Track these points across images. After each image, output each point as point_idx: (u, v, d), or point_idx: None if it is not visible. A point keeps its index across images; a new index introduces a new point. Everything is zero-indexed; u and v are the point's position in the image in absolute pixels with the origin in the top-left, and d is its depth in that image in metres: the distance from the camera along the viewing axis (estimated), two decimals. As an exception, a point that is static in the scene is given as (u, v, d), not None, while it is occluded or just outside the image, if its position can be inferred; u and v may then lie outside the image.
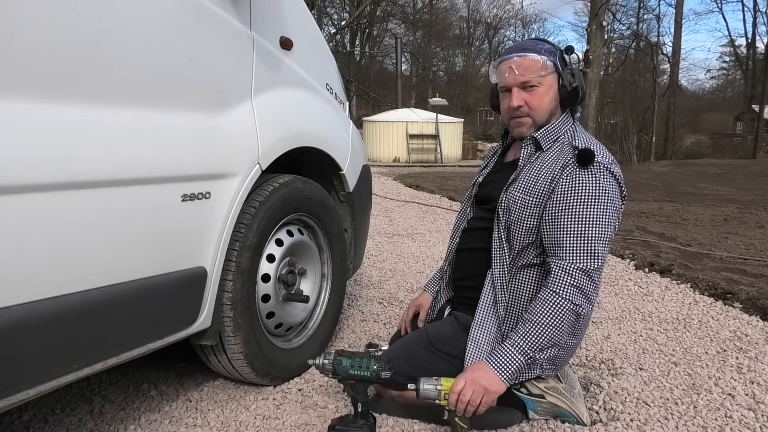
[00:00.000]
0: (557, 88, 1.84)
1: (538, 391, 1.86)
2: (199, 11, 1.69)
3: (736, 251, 4.57)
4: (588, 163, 1.72)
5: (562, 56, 1.84)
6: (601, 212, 1.69)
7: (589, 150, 1.73)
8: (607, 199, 1.70)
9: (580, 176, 1.72)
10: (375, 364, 1.72)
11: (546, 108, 1.84)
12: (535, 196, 1.77)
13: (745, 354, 2.47)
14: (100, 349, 1.43)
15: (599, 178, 1.71)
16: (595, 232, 1.68)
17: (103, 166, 1.38)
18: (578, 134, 1.84)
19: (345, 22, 29.03)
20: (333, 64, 2.66)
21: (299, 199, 2.14)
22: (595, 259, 1.67)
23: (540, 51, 1.82)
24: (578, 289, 1.67)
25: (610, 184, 1.72)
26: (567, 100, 1.84)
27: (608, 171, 1.72)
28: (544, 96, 1.83)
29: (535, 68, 1.80)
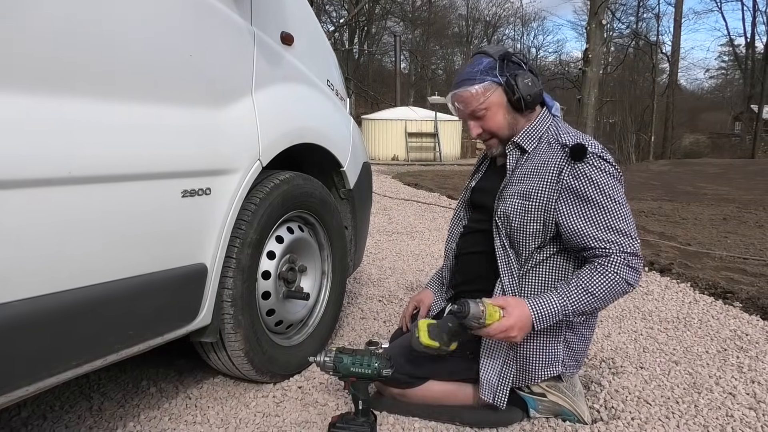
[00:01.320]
0: (506, 102, 1.81)
1: (540, 390, 1.85)
2: (200, 6, 1.68)
3: (736, 250, 4.57)
4: (583, 157, 1.72)
5: (503, 63, 1.80)
6: (617, 196, 1.71)
7: (580, 144, 1.73)
8: (615, 183, 1.72)
9: (583, 170, 1.71)
10: (376, 361, 1.71)
11: (502, 125, 1.83)
12: (534, 200, 1.76)
13: (745, 353, 2.46)
14: (99, 346, 1.42)
15: (599, 167, 1.72)
16: (621, 217, 1.70)
17: (102, 162, 1.36)
18: (562, 130, 1.82)
19: (344, 19, 28.97)
20: (334, 60, 2.64)
21: (300, 196, 2.13)
22: (633, 240, 1.70)
23: (474, 78, 1.79)
24: (632, 268, 1.69)
25: (608, 170, 1.73)
26: (519, 107, 1.81)
27: (603, 159, 1.73)
28: (496, 116, 1.82)
29: (474, 98, 1.80)
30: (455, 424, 1.85)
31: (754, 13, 32.99)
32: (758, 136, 28.23)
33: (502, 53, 1.81)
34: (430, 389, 1.88)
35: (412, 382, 1.87)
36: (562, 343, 1.80)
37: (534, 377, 1.80)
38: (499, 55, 1.80)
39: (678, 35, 30.68)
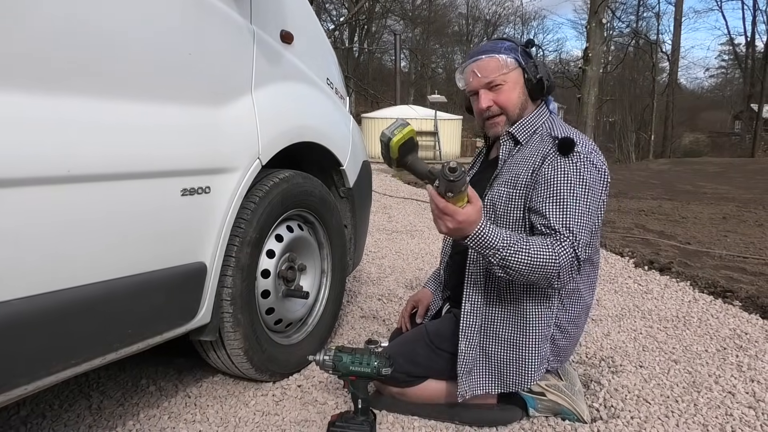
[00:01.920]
0: (523, 83, 1.85)
1: (539, 389, 1.85)
2: (200, 4, 1.68)
3: (736, 249, 4.57)
4: (568, 152, 1.72)
5: (524, 51, 1.86)
6: (582, 202, 1.67)
7: (569, 139, 1.73)
8: (587, 189, 1.68)
9: (561, 165, 1.71)
10: (375, 360, 1.71)
11: (516, 103, 1.85)
12: (519, 187, 1.76)
13: (745, 352, 2.46)
14: (98, 345, 1.42)
15: (579, 167, 1.70)
16: (578, 222, 1.65)
17: (101, 160, 1.36)
18: (557, 125, 1.83)
19: (344, 18, 28.96)
20: (333, 58, 2.64)
21: (299, 195, 2.13)
22: (579, 241, 1.64)
23: (499, 50, 1.84)
24: (569, 262, 1.62)
25: (590, 173, 1.70)
26: (535, 92, 1.86)
27: (588, 161, 1.71)
28: (512, 92, 1.84)
29: (497, 68, 1.82)
30: (454, 422, 1.85)
31: (754, 12, 32.97)
32: (758, 135, 28.24)
33: (525, 41, 1.88)
34: (429, 388, 1.88)
35: (411, 381, 1.87)
36: (548, 342, 1.80)
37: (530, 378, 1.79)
38: (522, 42, 1.88)
39: (678, 34, 30.68)
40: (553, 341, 1.81)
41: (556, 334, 1.81)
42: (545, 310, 1.77)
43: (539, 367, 1.78)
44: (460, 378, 1.80)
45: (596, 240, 1.81)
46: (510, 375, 1.78)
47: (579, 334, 1.93)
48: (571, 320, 1.83)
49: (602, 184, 1.73)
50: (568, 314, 1.82)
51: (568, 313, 1.82)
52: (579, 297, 1.83)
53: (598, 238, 1.83)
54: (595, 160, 1.73)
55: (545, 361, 1.80)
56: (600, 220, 1.74)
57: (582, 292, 1.84)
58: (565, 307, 1.81)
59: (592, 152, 1.74)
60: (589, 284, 1.88)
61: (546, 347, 1.79)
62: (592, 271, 1.87)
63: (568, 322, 1.83)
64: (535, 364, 1.77)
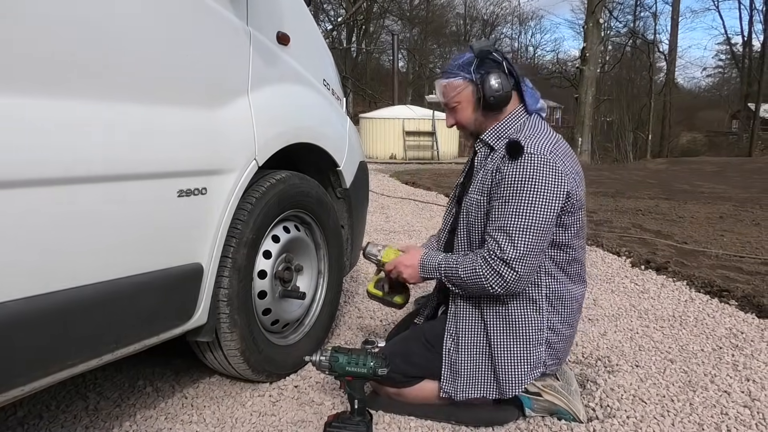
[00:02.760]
0: (474, 101, 1.85)
1: (535, 389, 1.86)
2: (196, 6, 1.68)
3: (732, 249, 4.58)
4: (517, 155, 1.73)
5: (483, 61, 1.82)
6: (524, 203, 1.69)
7: (515, 142, 1.75)
8: (531, 189, 1.69)
9: (508, 169, 1.73)
10: (372, 360, 1.71)
11: (470, 120, 1.89)
12: (485, 193, 1.81)
13: (740, 351, 2.47)
14: (95, 346, 1.42)
15: (526, 168, 1.70)
16: (516, 223, 1.69)
17: (98, 161, 1.37)
18: (526, 128, 1.83)
19: (341, 18, 28.95)
20: (330, 59, 2.64)
21: (296, 196, 2.13)
22: (513, 248, 1.68)
23: (453, 70, 1.86)
24: (496, 273, 1.70)
25: (539, 174, 1.70)
26: (488, 107, 1.84)
27: (540, 161, 1.70)
28: (464, 111, 1.88)
29: (449, 90, 1.88)
30: (451, 422, 1.85)
31: (751, 12, 32.98)
32: (755, 134, 28.26)
33: (482, 50, 1.82)
34: (426, 388, 1.89)
35: (407, 381, 1.88)
36: (545, 344, 1.81)
37: (519, 382, 1.80)
38: (478, 52, 1.82)
39: (675, 34, 30.75)
40: (548, 345, 1.81)
41: (551, 338, 1.81)
42: (534, 315, 1.79)
43: (530, 373, 1.79)
44: (443, 376, 1.83)
45: (576, 236, 1.82)
46: (498, 381, 1.80)
47: (573, 334, 1.94)
48: (564, 321, 1.84)
49: (555, 183, 1.71)
50: (561, 315, 1.83)
51: (560, 315, 1.83)
52: (569, 296, 1.85)
53: (577, 234, 1.83)
54: (549, 158, 1.71)
55: (540, 366, 1.81)
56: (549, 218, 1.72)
57: (571, 290, 1.85)
58: (556, 308, 1.82)
59: (547, 153, 1.72)
60: (577, 280, 1.89)
61: (540, 352, 1.80)
62: (576, 266, 1.87)
63: (562, 323, 1.84)
64: (525, 370, 1.78)
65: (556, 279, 1.82)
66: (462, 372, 1.82)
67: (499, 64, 1.82)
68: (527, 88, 1.88)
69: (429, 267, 1.87)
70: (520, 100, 1.88)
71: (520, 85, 1.86)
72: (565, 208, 1.74)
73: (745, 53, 35.38)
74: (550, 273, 1.81)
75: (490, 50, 1.82)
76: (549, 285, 1.81)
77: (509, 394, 1.80)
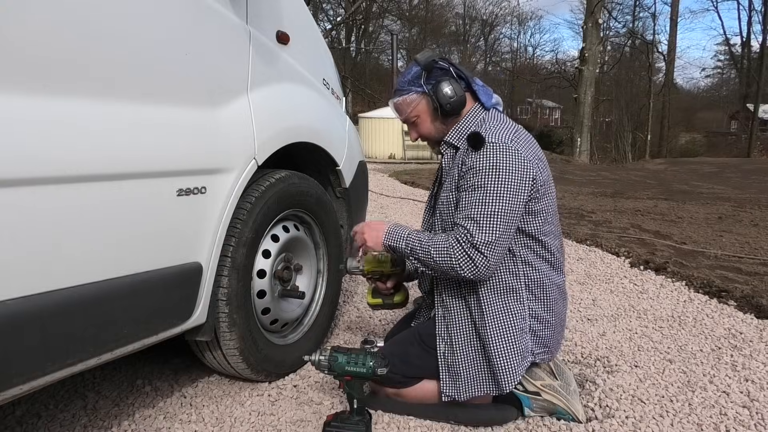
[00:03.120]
0: (431, 111, 1.88)
1: (534, 389, 1.86)
2: (196, 5, 1.68)
3: (731, 249, 4.58)
4: (479, 145, 1.75)
5: (431, 71, 1.86)
6: (489, 190, 1.71)
7: (475, 133, 1.78)
8: (496, 176, 1.71)
9: (471, 161, 1.76)
10: (371, 360, 1.71)
11: (430, 129, 1.92)
12: (453, 190, 1.83)
13: (739, 352, 2.47)
14: (94, 345, 1.42)
15: (489, 156, 1.73)
16: (483, 210, 1.71)
17: (97, 160, 1.36)
18: (486, 123, 1.85)
19: (341, 18, 28.94)
20: (329, 59, 2.64)
21: (295, 195, 2.13)
22: (482, 233, 1.69)
23: (403, 88, 1.89)
24: (467, 257, 1.70)
25: (503, 160, 1.72)
26: (445, 114, 1.87)
27: (502, 148, 1.73)
28: (424, 123, 1.92)
29: (405, 108, 1.90)
30: (450, 422, 1.85)
31: (749, 13, 33.03)
32: (754, 134, 28.30)
33: (428, 61, 1.85)
34: (424, 388, 1.89)
35: (406, 381, 1.88)
36: (529, 332, 1.81)
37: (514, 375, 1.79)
38: (424, 64, 1.85)
39: (674, 34, 30.79)
40: (533, 333, 1.82)
41: (535, 326, 1.82)
42: (515, 304, 1.79)
43: (521, 363, 1.79)
44: (442, 380, 1.84)
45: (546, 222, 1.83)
46: (494, 375, 1.79)
47: (560, 322, 1.93)
48: (546, 308, 1.85)
49: (519, 169, 1.73)
50: (542, 303, 1.84)
51: (542, 302, 1.84)
52: (548, 283, 1.85)
53: (548, 221, 1.84)
54: (511, 146, 1.74)
55: (528, 355, 1.81)
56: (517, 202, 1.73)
57: (550, 276, 1.86)
58: (537, 296, 1.83)
59: (508, 140, 1.75)
60: (556, 266, 1.89)
61: (526, 340, 1.80)
62: (552, 252, 1.87)
63: (544, 311, 1.84)
64: (516, 360, 1.78)
65: (534, 266, 1.83)
66: (461, 373, 1.82)
67: (447, 71, 1.86)
68: (478, 87, 1.91)
69: (396, 235, 1.85)
70: (474, 99, 1.91)
71: (471, 85, 1.89)
72: (531, 194, 1.76)
73: (743, 54, 35.44)
74: (527, 261, 1.82)
75: (435, 59, 1.86)
76: (527, 273, 1.82)
77: (507, 388, 1.80)
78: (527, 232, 1.81)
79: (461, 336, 1.84)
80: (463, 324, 1.84)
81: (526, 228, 1.80)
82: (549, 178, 1.86)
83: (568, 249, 4.56)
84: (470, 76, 1.90)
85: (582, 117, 18.94)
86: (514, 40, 48.02)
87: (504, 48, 46.57)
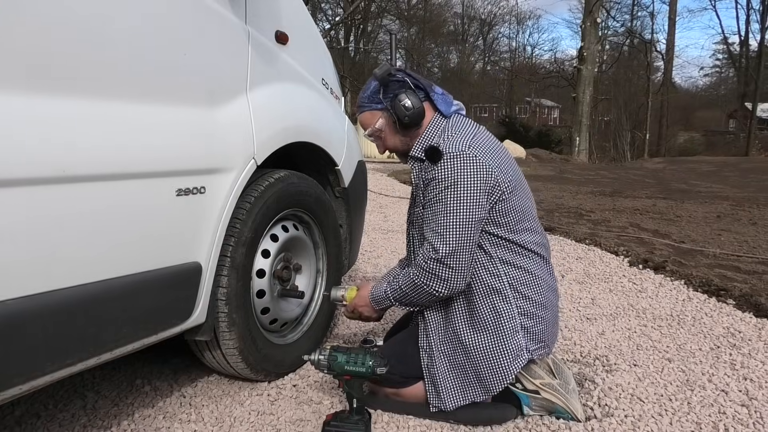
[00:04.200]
0: (392, 122, 1.90)
1: (533, 387, 1.86)
2: (195, 5, 1.68)
3: (730, 248, 4.59)
4: (436, 158, 1.78)
5: (388, 85, 1.88)
6: (448, 200, 1.74)
7: (431, 147, 1.81)
8: (453, 186, 1.74)
9: (432, 173, 1.79)
10: (371, 360, 1.72)
11: (395, 142, 1.96)
12: (422, 205, 1.86)
13: (738, 350, 2.48)
14: (93, 344, 1.42)
15: (446, 167, 1.75)
16: (444, 221, 1.74)
17: (97, 160, 1.36)
18: (447, 132, 1.87)
19: (339, 17, 28.93)
20: (328, 59, 2.64)
21: (295, 195, 2.13)
22: (444, 245, 1.73)
23: (363, 104, 1.93)
24: (431, 274, 1.76)
25: (459, 169, 1.74)
26: (405, 127, 1.89)
27: (458, 158, 1.74)
28: (388, 137, 1.95)
29: (367, 124, 1.95)
30: (449, 422, 1.85)
31: (747, 12, 33.14)
32: (752, 133, 28.35)
33: (384, 75, 1.87)
34: (424, 388, 1.88)
35: (405, 381, 1.88)
36: (521, 331, 1.81)
37: (503, 375, 1.80)
38: (381, 79, 1.87)
39: (672, 33, 30.83)
40: (526, 331, 1.82)
41: (526, 323, 1.82)
42: (502, 304, 1.79)
43: (513, 363, 1.79)
44: (428, 391, 1.85)
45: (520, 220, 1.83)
46: (480, 380, 1.80)
47: (553, 316, 1.92)
48: (536, 304, 1.84)
49: (477, 175, 1.74)
50: (531, 300, 1.83)
51: (530, 299, 1.83)
52: (534, 280, 1.85)
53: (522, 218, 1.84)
54: (469, 153, 1.75)
55: (523, 352, 1.81)
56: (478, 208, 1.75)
57: (534, 273, 1.85)
58: (524, 294, 1.82)
59: (466, 147, 1.76)
60: (539, 262, 1.89)
61: (518, 339, 1.80)
62: (533, 249, 1.86)
63: (535, 307, 1.84)
64: (506, 361, 1.79)
65: (515, 265, 1.82)
66: (444, 383, 1.83)
67: (404, 83, 1.87)
68: (437, 95, 1.92)
69: (379, 298, 1.92)
70: (434, 108, 1.92)
71: (430, 94, 1.90)
72: (496, 197, 1.77)
73: (742, 53, 35.49)
74: (506, 261, 1.82)
75: (391, 72, 1.88)
76: (508, 272, 1.82)
77: (495, 389, 1.80)
78: (500, 232, 1.81)
79: (443, 346, 1.85)
80: (445, 334, 1.86)
81: (498, 229, 1.81)
82: (516, 176, 1.86)
83: (567, 248, 4.56)
84: (429, 84, 1.92)
85: (580, 116, 18.96)
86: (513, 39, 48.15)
87: (503, 47, 46.64)
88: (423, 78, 1.93)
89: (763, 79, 29.07)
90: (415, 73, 1.93)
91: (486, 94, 43.94)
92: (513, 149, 19.09)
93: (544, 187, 10.00)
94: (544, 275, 1.89)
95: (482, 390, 1.81)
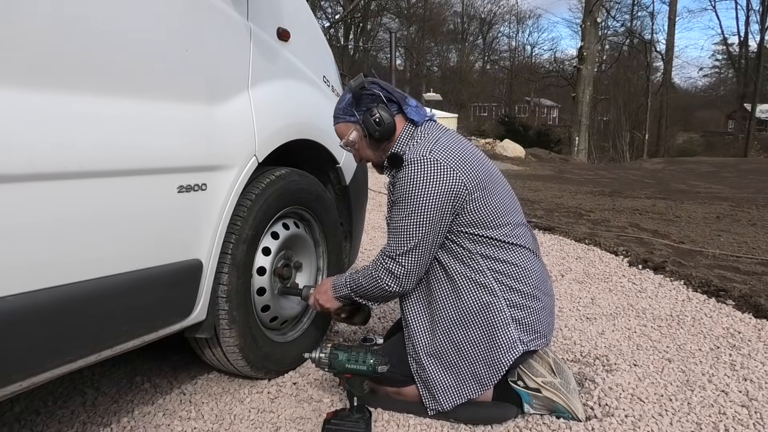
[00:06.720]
0: (365, 137, 1.92)
1: (535, 385, 1.86)
2: (197, 2, 1.67)
3: (729, 249, 4.59)
4: (399, 165, 1.82)
5: (360, 97, 1.89)
6: (407, 202, 1.77)
7: (393, 155, 1.87)
8: (412, 189, 1.76)
9: (396, 178, 1.84)
10: (371, 358, 1.71)
11: (369, 154, 1.98)
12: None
13: (738, 351, 2.48)
14: (94, 341, 1.42)
15: (407, 173, 1.78)
16: (402, 223, 1.78)
17: (98, 157, 1.36)
18: (414, 139, 1.89)
19: (339, 16, 28.94)
20: (330, 56, 2.64)
21: (295, 192, 2.13)
22: (399, 245, 1.79)
23: (338, 116, 1.95)
24: (387, 271, 1.82)
25: (419, 173, 1.75)
26: (376, 140, 1.90)
27: (419, 163, 1.76)
28: (362, 149, 1.97)
29: (341, 135, 1.97)
30: (450, 420, 1.85)
31: (747, 13, 33.20)
32: (751, 134, 28.39)
33: (357, 88, 1.88)
34: (424, 388, 1.88)
35: (406, 380, 1.88)
36: (512, 323, 1.81)
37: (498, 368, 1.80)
38: (354, 92, 1.89)
39: (672, 33, 30.84)
40: (518, 323, 1.81)
41: (517, 315, 1.81)
42: (489, 298, 1.79)
43: (506, 355, 1.79)
44: (422, 396, 1.85)
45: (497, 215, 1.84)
46: (475, 376, 1.80)
47: (546, 306, 1.91)
48: (526, 295, 1.84)
49: (437, 178, 1.76)
50: (518, 292, 1.83)
51: (518, 291, 1.83)
52: (520, 271, 1.84)
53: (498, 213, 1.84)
54: (430, 157, 1.77)
55: (516, 344, 1.80)
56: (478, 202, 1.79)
57: (520, 265, 1.85)
58: (510, 286, 1.82)
59: (425, 152, 1.78)
60: (525, 253, 1.88)
61: (509, 331, 1.79)
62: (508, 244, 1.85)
63: (524, 298, 1.83)
64: (499, 353, 1.79)
65: (498, 259, 1.82)
66: (437, 385, 1.82)
67: (377, 97, 1.88)
68: (411, 108, 1.92)
69: (338, 285, 1.95)
70: (406, 119, 1.93)
71: (403, 108, 1.91)
72: (461, 197, 1.78)
73: (741, 53, 35.53)
74: (487, 255, 1.82)
75: (365, 85, 1.88)
76: (492, 266, 1.82)
77: (491, 383, 1.81)
78: (477, 231, 1.81)
79: (428, 349, 1.85)
80: (429, 338, 1.85)
81: (475, 228, 1.81)
82: (488, 175, 1.87)
83: (567, 248, 4.56)
84: (403, 97, 1.93)
85: (580, 116, 18.97)
86: (513, 38, 48.10)
87: (502, 46, 46.64)
88: (397, 91, 1.95)
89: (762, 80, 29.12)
90: (390, 86, 1.95)
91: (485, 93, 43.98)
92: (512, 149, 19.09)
93: (544, 186, 10.01)
94: (531, 266, 1.88)
95: (478, 386, 1.81)
